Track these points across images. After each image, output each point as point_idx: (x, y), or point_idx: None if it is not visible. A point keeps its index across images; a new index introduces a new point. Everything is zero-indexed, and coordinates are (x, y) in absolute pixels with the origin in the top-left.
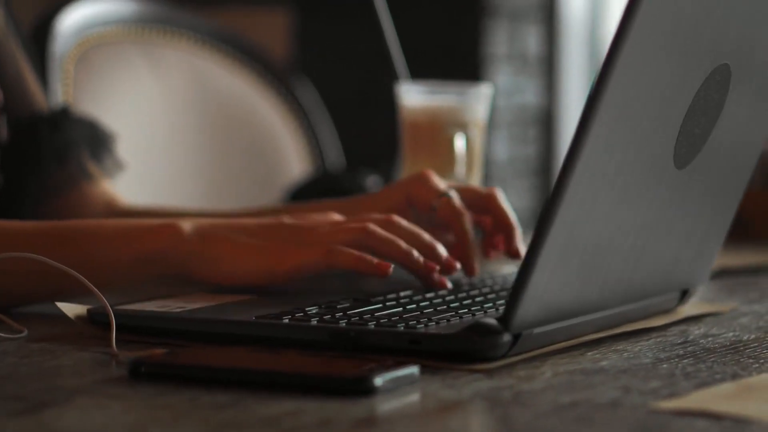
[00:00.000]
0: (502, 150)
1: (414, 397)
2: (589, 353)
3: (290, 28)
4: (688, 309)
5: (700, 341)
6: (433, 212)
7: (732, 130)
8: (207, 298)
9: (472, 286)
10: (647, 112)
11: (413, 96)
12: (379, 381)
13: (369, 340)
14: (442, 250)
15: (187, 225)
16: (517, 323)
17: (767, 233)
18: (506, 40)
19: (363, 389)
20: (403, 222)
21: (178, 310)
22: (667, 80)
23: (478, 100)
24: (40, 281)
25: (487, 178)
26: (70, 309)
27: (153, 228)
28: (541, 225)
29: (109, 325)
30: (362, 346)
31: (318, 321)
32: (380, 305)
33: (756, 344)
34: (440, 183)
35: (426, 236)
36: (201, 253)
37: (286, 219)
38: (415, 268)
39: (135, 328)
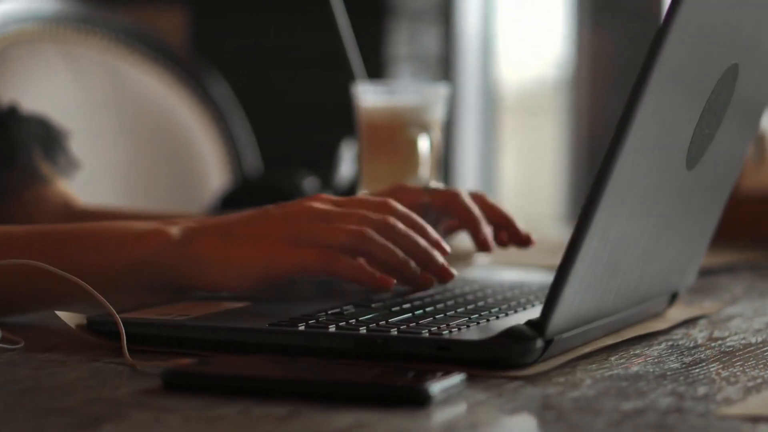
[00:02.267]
0: None
1: (471, 406)
2: (612, 358)
3: (186, 27)
4: (677, 311)
5: (712, 345)
6: (428, 209)
7: (732, 129)
8: (203, 306)
9: (466, 291)
10: (672, 116)
11: (372, 96)
12: (434, 390)
13: (396, 347)
14: (438, 258)
15: (175, 230)
16: (550, 329)
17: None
18: (406, 41)
19: (420, 399)
20: (399, 225)
21: (183, 318)
22: (690, 82)
23: (438, 100)
24: (29, 289)
25: None
26: (70, 318)
27: (141, 234)
28: (577, 233)
29: (112, 334)
30: (388, 353)
31: (336, 328)
32: (386, 311)
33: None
34: (418, 185)
35: (422, 242)
36: (191, 258)
37: (273, 210)
38: (411, 279)
39: (138, 337)
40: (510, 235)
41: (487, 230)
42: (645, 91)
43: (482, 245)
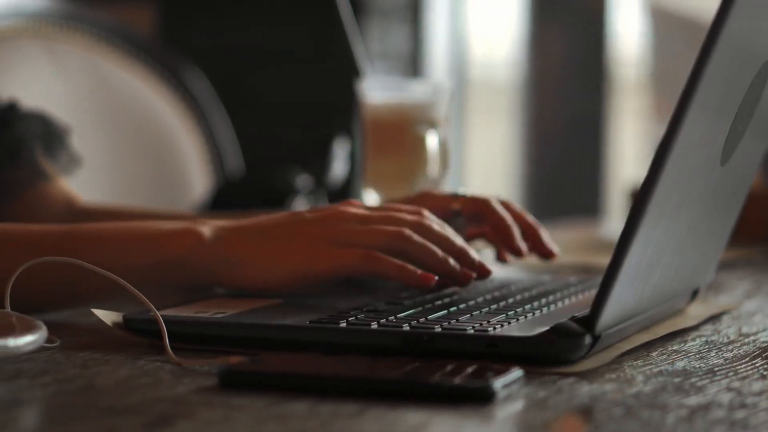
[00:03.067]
0: None
1: (535, 403)
2: (653, 354)
3: (154, 23)
4: (698, 308)
5: (746, 341)
6: (457, 216)
7: (758, 125)
8: (235, 304)
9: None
10: (714, 115)
11: (378, 93)
12: (497, 386)
13: (442, 344)
14: (474, 255)
15: (206, 229)
16: (599, 326)
17: None
18: (378, 39)
19: (485, 396)
20: (435, 225)
21: (222, 315)
22: (730, 81)
23: (444, 96)
24: (63, 287)
25: None
26: (106, 316)
27: (173, 233)
28: (627, 231)
29: (149, 332)
30: (434, 350)
31: (379, 325)
32: (421, 308)
33: None
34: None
35: (458, 240)
36: (227, 257)
37: (307, 213)
38: (451, 276)
39: (176, 334)
40: (534, 244)
41: (520, 237)
42: (693, 98)
43: (516, 253)
